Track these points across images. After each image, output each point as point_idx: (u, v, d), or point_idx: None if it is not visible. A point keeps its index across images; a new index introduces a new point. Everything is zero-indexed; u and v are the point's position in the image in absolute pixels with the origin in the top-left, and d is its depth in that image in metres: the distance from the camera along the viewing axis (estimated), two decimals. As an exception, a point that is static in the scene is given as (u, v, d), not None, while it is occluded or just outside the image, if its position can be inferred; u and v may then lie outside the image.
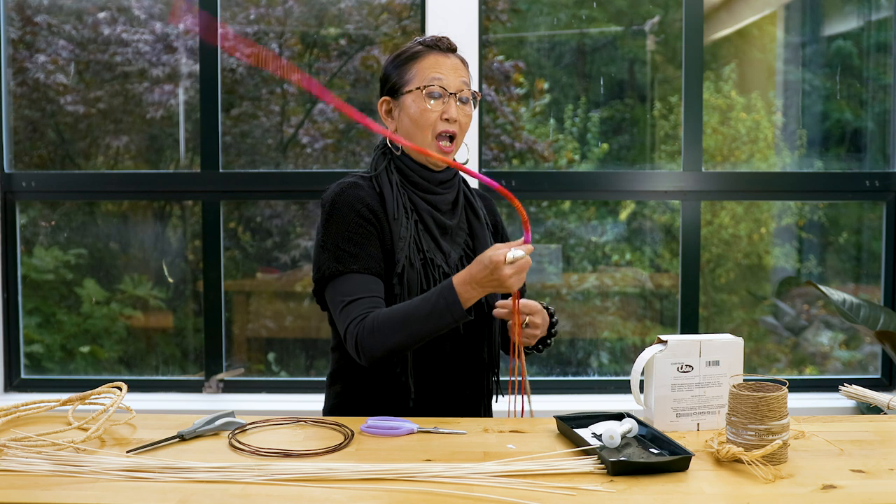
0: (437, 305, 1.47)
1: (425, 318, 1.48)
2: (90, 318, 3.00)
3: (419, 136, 1.63)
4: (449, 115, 1.62)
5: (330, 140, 3.04)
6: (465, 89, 1.65)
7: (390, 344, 1.50)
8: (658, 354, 1.43)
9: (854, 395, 1.70)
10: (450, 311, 1.47)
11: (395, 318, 1.50)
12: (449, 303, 1.47)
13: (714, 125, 3.13)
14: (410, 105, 1.63)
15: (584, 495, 1.11)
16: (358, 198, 1.60)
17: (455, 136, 1.64)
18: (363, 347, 1.52)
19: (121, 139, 3.02)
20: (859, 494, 1.12)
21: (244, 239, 3.07)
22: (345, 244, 1.58)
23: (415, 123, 1.63)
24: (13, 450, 1.25)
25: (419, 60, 1.65)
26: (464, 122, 1.65)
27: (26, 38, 2.94)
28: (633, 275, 3.12)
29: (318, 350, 3.11)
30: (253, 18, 2.99)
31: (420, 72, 1.64)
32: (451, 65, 1.65)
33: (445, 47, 1.67)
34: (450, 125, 1.62)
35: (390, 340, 1.49)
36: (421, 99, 1.62)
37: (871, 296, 2.92)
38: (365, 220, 1.59)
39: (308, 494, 1.12)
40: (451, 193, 1.69)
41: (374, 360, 1.53)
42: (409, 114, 1.63)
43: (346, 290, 1.56)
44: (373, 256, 1.58)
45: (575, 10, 3.08)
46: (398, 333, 1.49)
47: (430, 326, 1.48)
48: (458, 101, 1.64)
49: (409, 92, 1.63)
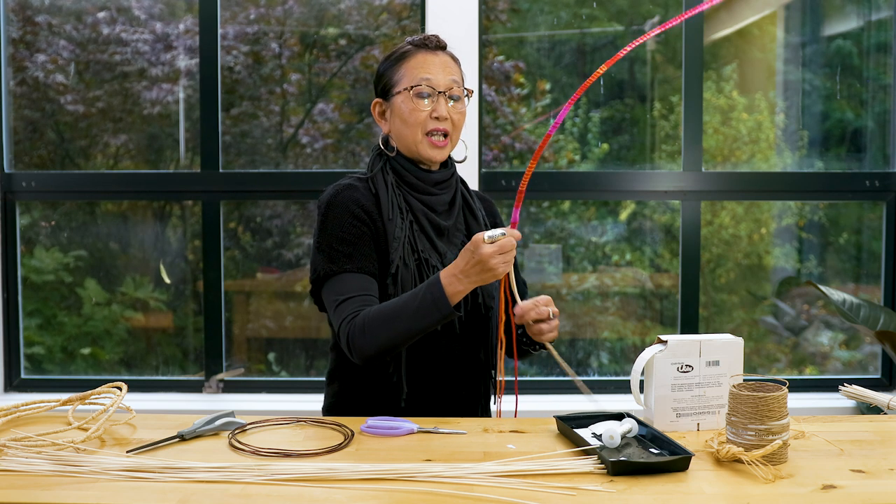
0: (425, 301, 1.46)
1: (413, 314, 1.47)
2: (91, 319, 3.00)
3: (410, 136, 1.63)
4: (438, 114, 1.62)
5: (330, 140, 3.04)
6: (454, 87, 1.64)
7: (381, 342, 1.49)
8: (658, 354, 1.43)
9: (854, 395, 1.70)
10: (437, 306, 1.46)
11: (384, 315, 1.49)
12: (435, 298, 1.46)
13: (715, 125, 3.13)
14: (400, 105, 1.64)
15: (584, 495, 1.11)
16: (353, 199, 1.60)
17: (448, 133, 1.64)
18: (355, 346, 1.52)
19: (120, 139, 3.02)
20: (859, 494, 1.12)
21: (244, 239, 3.07)
22: (339, 245, 1.58)
23: (405, 123, 1.63)
24: (13, 450, 1.25)
25: (407, 60, 1.65)
26: (456, 120, 1.65)
27: (26, 38, 2.94)
28: (633, 275, 3.12)
29: (317, 350, 3.11)
30: (253, 18, 2.99)
31: (408, 72, 1.64)
32: (440, 63, 1.65)
33: (434, 45, 1.66)
34: (440, 123, 1.63)
35: (381, 338, 1.49)
36: (410, 99, 1.62)
37: (871, 296, 2.91)
38: (359, 221, 1.59)
39: (308, 494, 1.12)
40: (447, 194, 1.69)
41: (367, 359, 1.52)
42: (399, 115, 1.64)
43: (339, 289, 1.56)
44: (367, 256, 1.59)
45: (575, 10, 3.08)
46: (388, 331, 1.48)
47: (419, 323, 1.47)
48: (450, 98, 1.64)
49: (399, 93, 1.64)
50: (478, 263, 1.43)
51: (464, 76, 1.71)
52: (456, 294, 1.46)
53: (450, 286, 1.46)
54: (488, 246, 1.42)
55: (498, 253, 1.43)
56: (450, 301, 1.46)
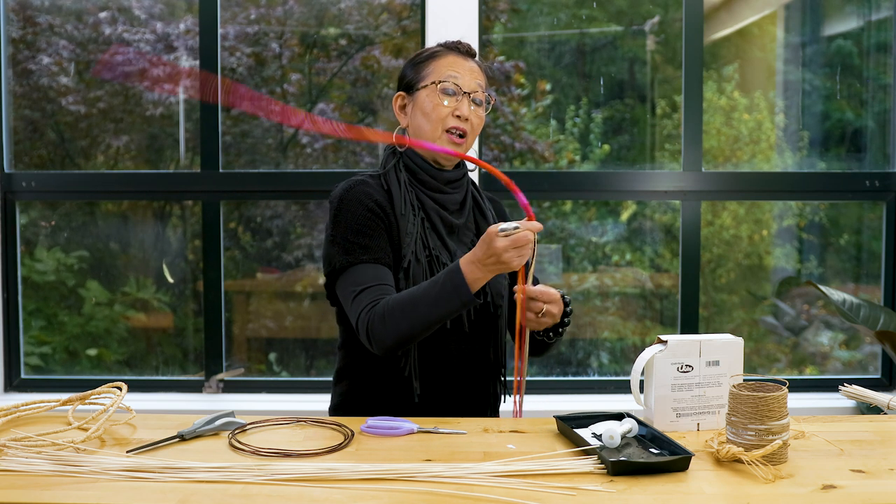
0: (445, 288, 1.46)
1: (434, 301, 1.47)
2: (92, 319, 3.00)
3: (429, 131, 1.64)
4: (461, 113, 1.63)
5: (330, 140, 3.04)
6: (479, 91, 1.66)
7: (401, 330, 1.49)
8: (658, 354, 1.43)
9: (854, 395, 1.70)
10: (457, 293, 1.46)
11: (404, 303, 1.49)
12: (456, 285, 1.46)
13: (717, 125, 3.12)
14: (424, 100, 1.65)
15: (584, 495, 1.11)
16: (366, 193, 1.61)
17: (465, 134, 1.65)
18: (374, 335, 1.51)
19: (121, 139, 3.02)
20: (859, 494, 1.12)
21: (244, 239, 3.07)
22: (354, 237, 1.58)
23: (426, 118, 1.64)
24: (13, 450, 1.25)
25: (437, 59, 1.67)
26: (475, 123, 1.66)
27: (27, 38, 2.94)
28: (634, 275, 3.12)
29: (318, 350, 3.11)
30: (253, 18, 2.99)
31: (437, 69, 1.66)
32: (469, 67, 1.67)
33: (465, 50, 1.70)
34: (461, 122, 1.64)
35: (401, 326, 1.48)
36: (435, 94, 1.64)
37: (871, 296, 2.91)
38: (373, 214, 1.60)
39: (308, 494, 1.12)
40: (459, 193, 1.70)
41: (387, 349, 1.52)
42: (422, 108, 1.65)
43: (356, 279, 1.56)
44: (382, 248, 1.59)
45: (575, 10, 3.08)
46: (408, 319, 1.48)
47: (439, 310, 1.47)
48: (472, 101, 1.65)
49: (425, 87, 1.65)
50: (492, 255, 1.44)
51: (488, 86, 1.72)
52: (476, 281, 1.46)
53: (470, 273, 1.46)
54: (502, 239, 1.42)
55: (512, 247, 1.43)
56: (470, 288, 1.46)
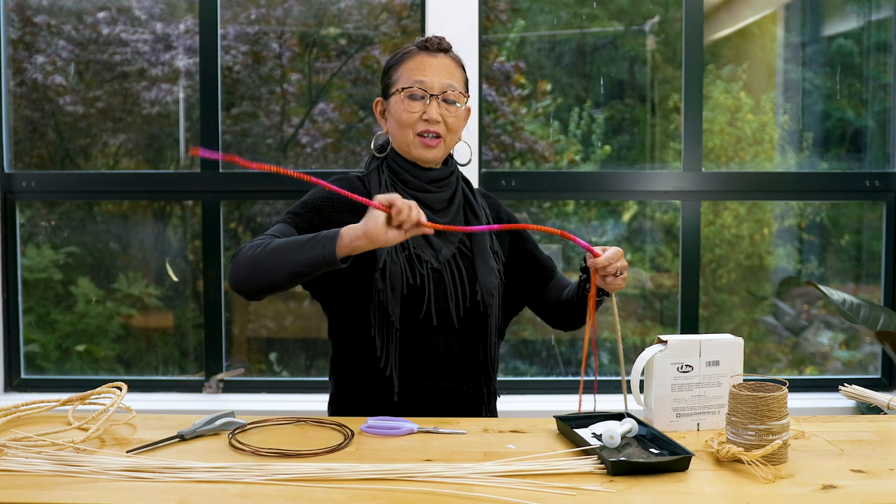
0: (317, 237, 1.45)
1: (300, 245, 1.45)
2: (85, 316, 3.00)
3: (402, 136, 1.66)
4: (428, 117, 1.63)
5: (330, 140, 3.04)
6: (449, 91, 1.65)
7: (257, 259, 1.47)
8: (658, 354, 1.43)
9: (854, 395, 1.70)
10: (323, 244, 1.43)
11: (277, 242, 1.49)
12: (329, 238, 1.43)
13: (722, 125, 3.12)
14: (394, 106, 1.66)
15: (584, 495, 1.11)
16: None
17: (441, 135, 1.65)
18: (234, 261, 1.52)
19: (120, 139, 3.02)
20: (859, 494, 1.12)
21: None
22: (298, 207, 1.63)
23: (399, 124, 1.66)
24: (13, 450, 1.25)
25: (406, 62, 1.67)
26: (450, 122, 1.66)
27: (26, 39, 2.94)
28: (634, 275, 3.11)
29: (318, 350, 3.11)
30: (253, 18, 2.99)
31: (405, 73, 1.66)
32: (438, 65, 1.66)
33: (434, 48, 1.67)
34: (430, 125, 1.64)
35: (259, 257, 1.47)
36: (402, 101, 1.65)
37: (871, 296, 2.91)
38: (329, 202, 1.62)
39: (308, 494, 1.12)
40: (445, 192, 1.70)
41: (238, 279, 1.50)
42: (394, 115, 1.67)
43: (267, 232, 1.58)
44: (314, 226, 1.59)
45: (575, 10, 3.08)
46: (268, 252, 1.47)
47: (300, 255, 1.44)
48: (444, 101, 1.64)
49: (394, 93, 1.66)
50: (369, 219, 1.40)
51: (467, 79, 1.71)
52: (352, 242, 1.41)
53: (347, 234, 1.42)
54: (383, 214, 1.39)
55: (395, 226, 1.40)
56: (340, 243, 1.42)
